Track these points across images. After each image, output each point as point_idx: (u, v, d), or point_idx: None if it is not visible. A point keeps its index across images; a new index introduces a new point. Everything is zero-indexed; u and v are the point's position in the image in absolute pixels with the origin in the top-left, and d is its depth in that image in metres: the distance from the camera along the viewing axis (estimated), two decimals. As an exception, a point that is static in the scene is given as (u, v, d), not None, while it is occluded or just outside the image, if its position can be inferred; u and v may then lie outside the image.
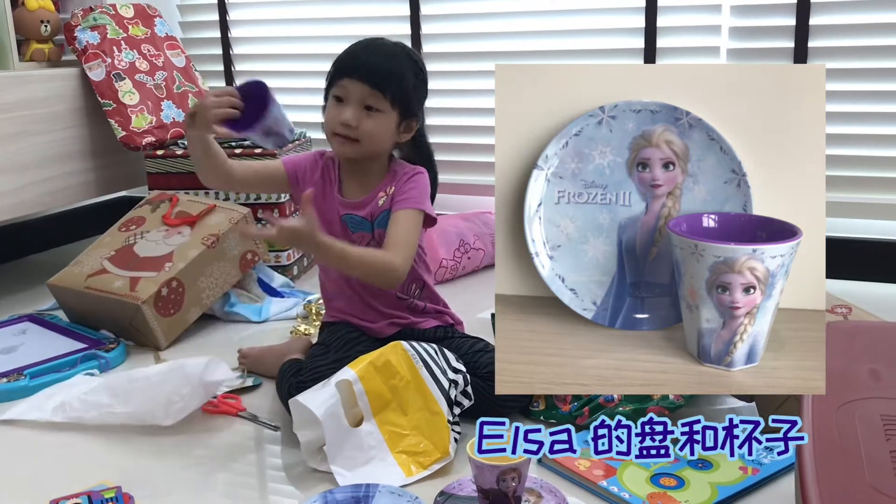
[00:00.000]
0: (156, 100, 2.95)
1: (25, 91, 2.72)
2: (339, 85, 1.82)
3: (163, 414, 1.80)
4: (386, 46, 1.86)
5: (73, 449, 1.78)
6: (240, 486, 1.64)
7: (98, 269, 2.40)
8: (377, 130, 1.82)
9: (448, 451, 1.63)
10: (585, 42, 2.95)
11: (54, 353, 2.20)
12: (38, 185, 2.77)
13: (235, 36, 3.50)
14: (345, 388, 1.63)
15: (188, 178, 2.84)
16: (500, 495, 1.39)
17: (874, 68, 2.57)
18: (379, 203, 1.87)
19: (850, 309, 2.04)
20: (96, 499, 1.51)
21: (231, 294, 2.54)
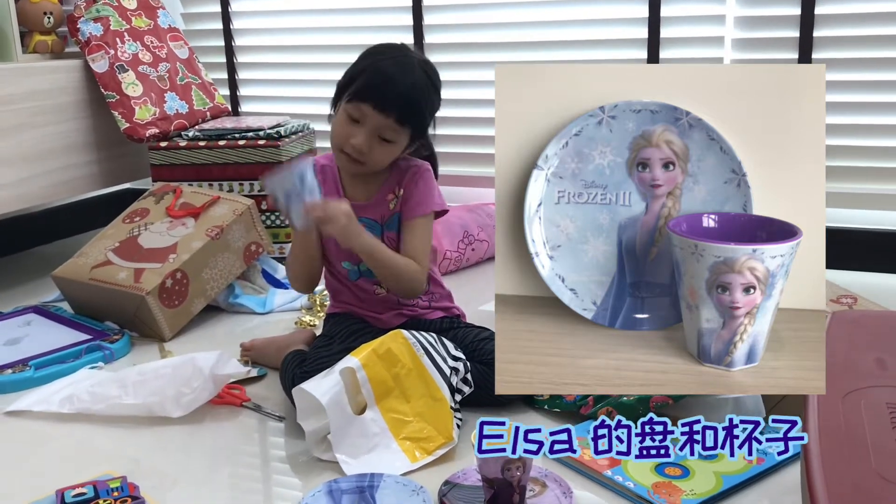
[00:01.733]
0: (159, 91, 2.95)
1: (29, 83, 2.73)
2: (357, 106, 1.77)
3: (172, 406, 1.82)
4: (412, 72, 1.78)
5: (78, 439, 1.80)
6: (244, 477, 1.66)
7: (102, 261, 2.41)
8: (386, 158, 1.83)
9: (452, 436, 1.65)
10: (589, 32, 2.94)
11: (59, 345, 2.21)
12: (42, 177, 2.78)
13: (238, 27, 3.50)
14: (348, 375, 1.64)
15: (192, 169, 2.85)
16: (505, 484, 1.40)
17: (880, 58, 2.57)
18: (389, 206, 1.88)
19: (856, 299, 2.05)
20: (102, 488, 1.52)
21: (235, 285, 2.55)
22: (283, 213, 1.69)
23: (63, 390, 1.95)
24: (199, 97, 3.08)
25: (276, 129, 2.88)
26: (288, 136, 2.89)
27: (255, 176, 2.83)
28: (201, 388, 1.84)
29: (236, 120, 3.06)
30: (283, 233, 2.83)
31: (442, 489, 1.50)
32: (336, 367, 1.66)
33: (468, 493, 1.49)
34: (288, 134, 2.89)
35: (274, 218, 2.83)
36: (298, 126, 3.00)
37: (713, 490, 1.46)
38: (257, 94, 3.53)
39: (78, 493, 1.50)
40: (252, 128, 2.88)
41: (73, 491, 1.51)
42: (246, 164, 2.82)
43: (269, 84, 3.51)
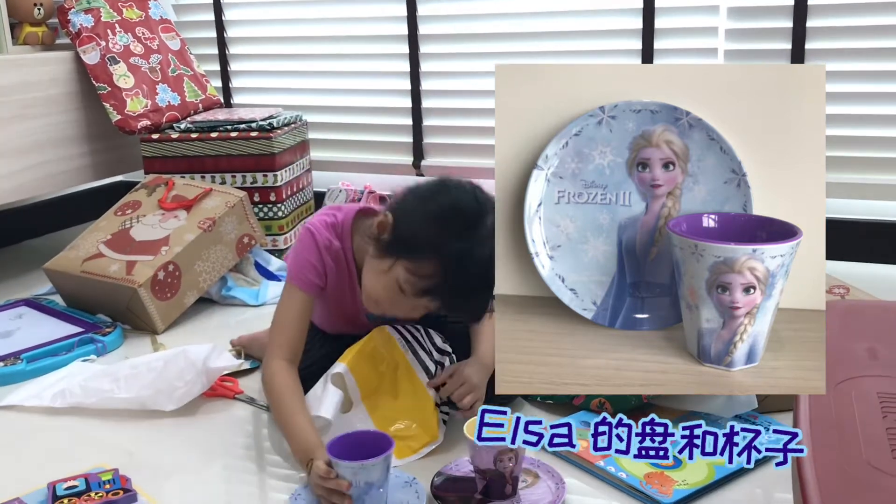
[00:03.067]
0: (151, 83, 2.94)
1: (19, 75, 2.71)
2: (420, 297, 1.56)
3: (165, 400, 1.82)
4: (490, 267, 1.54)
5: (71, 432, 1.80)
6: (237, 469, 1.66)
7: (94, 254, 2.40)
8: (413, 318, 1.69)
9: (437, 434, 1.65)
10: (583, 44, 2.93)
11: (51, 337, 2.21)
12: (33, 169, 2.77)
13: (230, 19, 3.47)
14: (338, 381, 1.64)
15: (183, 161, 2.84)
16: (498, 475, 1.41)
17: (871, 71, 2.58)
18: None
19: (848, 289, 2.06)
20: (94, 481, 1.52)
21: (228, 278, 2.55)
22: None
23: (55, 385, 1.95)
24: (191, 89, 3.07)
25: (268, 120, 2.87)
26: (280, 127, 2.88)
27: (247, 168, 2.81)
28: (194, 381, 1.84)
29: (228, 111, 3.04)
30: (276, 225, 2.83)
31: (434, 480, 1.51)
32: (327, 376, 1.66)
33: (461, 484, 1.50)
34: (280, 125, 2.89)
35: (266, 210, 2.82)
36: (291, 117, 2.99)
37: (705, 480, 1.47)
38: (249, 86, 3.51)
39: (70, 485, 1.51)
40: (244, 119, 2.87)
41: (64, 484, 1.51)
42: (238, 155, 2.81)
43: (262, 75, 3.49)
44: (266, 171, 2.80)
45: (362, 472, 1.37)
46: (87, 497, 1.48)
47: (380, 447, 1.40)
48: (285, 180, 2.85)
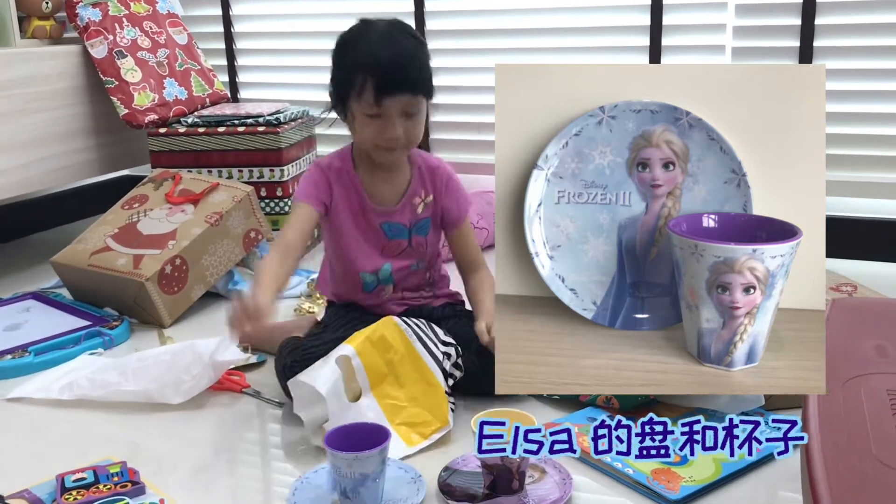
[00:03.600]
0: (158, 77, 2.94)
1: (27, 68, 2.71)
2: (371, 104, 1.72)
3: (172, 393, 1.83)
4: (398, 42, 1.75)
5: (78, 424, 1.81)
6: (244, 463, 1.67)
7: (101, 247, 2.41)
8: (420, 131, 1.79)
9: (447, 420, 1.66)
10: (591, 40, 2.93)
11: (58, 331, 2.21)
12: (41, 163, 2.77)
13: (237, 13, 3.48)
14: (344, 363, 1.64)
15: (191, 156, 2.85)
16: (505, 471, 1.41)
17: (880, 69, 2.57)
18: (417, 211, 1.86)
19: (856, 287, 2.06)
20: (102, 473, 1.53)
21: (235, 272, 2.55)
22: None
23: (63, 378, 1.95)
24: (199, 83, 3.07)
25: (275, 115, 2.87)
26: (287, 122, 2.88)
27: (254, 162, 2.82)
28: (201, 375, 1.84)
29: (235, 106, 3.05)
30: (283, 219, 2.83)
31: (442, 475, 1.51)
32: (331, 355, 1.66)
33: (468, 478, 1.49)
34: (287, 120, 2.89)
35: (273, 204, 2.83)
36: (298, 112, 2.99)
37: (712, 477, 1.46)
38: (256, 81, 3.52)
39: (78, 477, 1.51)
40: (251, 114, 2.87)
41: (73, 476, 1.52)
42: (245, 150, 2.82)
43: (269, 70, 3.50)
44: (273, 165, 2.81)
45: (357, 464, 1.38)
46: (96, 489, 1.49)
47: (376, 440, 1.41)
48: (292, 175, 2.86)
